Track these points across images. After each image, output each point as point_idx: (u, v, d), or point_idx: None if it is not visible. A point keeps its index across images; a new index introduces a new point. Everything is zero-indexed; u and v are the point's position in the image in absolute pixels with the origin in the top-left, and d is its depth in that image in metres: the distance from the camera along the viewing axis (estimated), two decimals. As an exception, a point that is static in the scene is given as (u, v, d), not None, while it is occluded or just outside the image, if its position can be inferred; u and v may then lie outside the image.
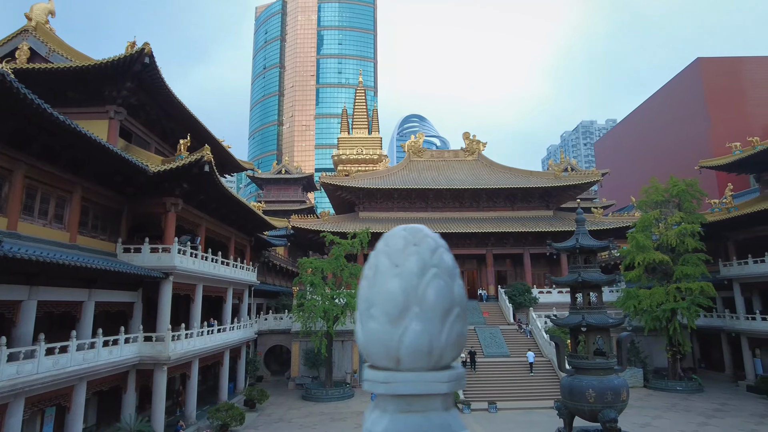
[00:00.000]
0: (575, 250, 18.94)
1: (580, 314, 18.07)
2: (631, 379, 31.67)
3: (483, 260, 43.15)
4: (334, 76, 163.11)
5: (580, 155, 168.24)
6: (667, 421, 23.49)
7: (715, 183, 50.26)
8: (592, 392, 17.03)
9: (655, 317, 30.85)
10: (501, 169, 48.03)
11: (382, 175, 46.89)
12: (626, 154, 76.51)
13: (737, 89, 58.76)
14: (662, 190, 33.28)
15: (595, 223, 41.05)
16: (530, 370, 30.34)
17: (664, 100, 68.35)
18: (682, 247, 31.21)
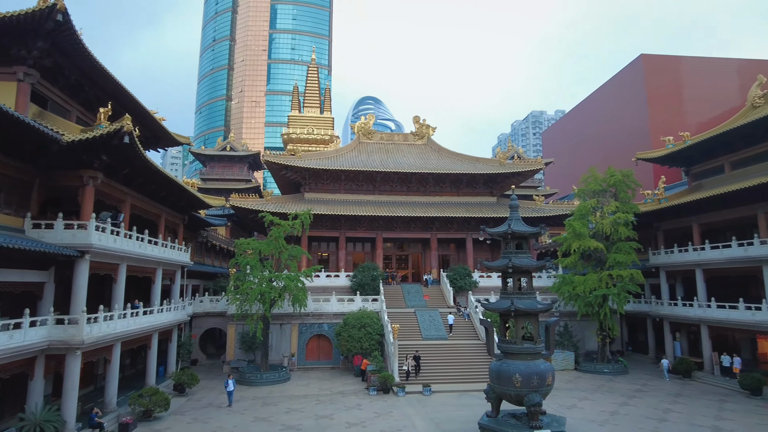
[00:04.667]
0: (507, 235, 18.99)
1: (509, 299, 18.19)
2: (563, 362, 32.84)
3: (428, 244, 43.32)
4: (287, 53, 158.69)
5: (529, 144, 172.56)
6: (592, 403, 24.34)
7: (651, 175, 52.41)
8: (518, 377, 17.24)
9: (588, 303, 31.93)
10: (448, 155, 48.11)
11: (330, 155, 45.92)
12: (572, 144, 78.72)
13: (675, 86, 61.32)
14: (600, 179, 34.22)
15: (534, 210, 41.95)
16: (450, 330, 32.97)
17: (608, 94, 70.49)
18: (616, 235, 32.31)
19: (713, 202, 30.91)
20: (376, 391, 26.44)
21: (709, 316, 30.38)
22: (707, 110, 57.58)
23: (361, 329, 30.50)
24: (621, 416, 21.86)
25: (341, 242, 41.51)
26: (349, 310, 33.79)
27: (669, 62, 62.80)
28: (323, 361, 34.14)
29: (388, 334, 29.89)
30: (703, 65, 62.68)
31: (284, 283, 29.79)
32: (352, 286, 37.44)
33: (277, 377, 29.44)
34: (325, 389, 27.72)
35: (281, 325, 33.73)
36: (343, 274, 38.94)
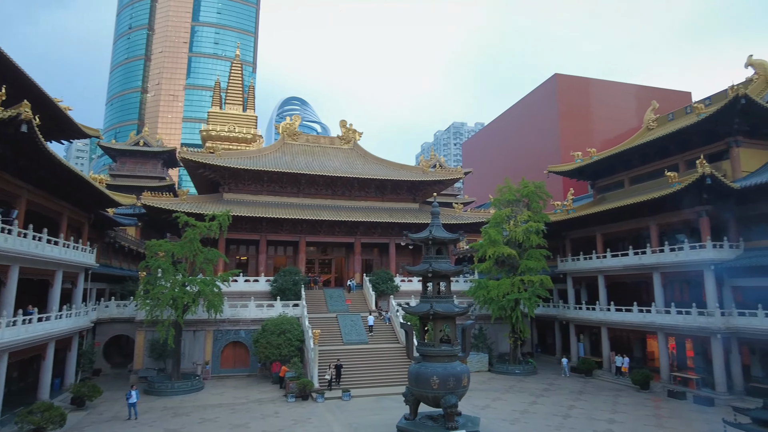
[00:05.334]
0: (428, 241, 19.49)
1: (429, 303, 18.64)
2: (478, 363, 34.15)
3: (352, 248, 43.33)
4: (210, 47, 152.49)
5: (450, 154, 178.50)
6: (504, 402, 25.50)
7: (561, 187, 56.15)
8: (436, 379, 17.67)
9: (502, 306, 33.51)
10: (374, 160, 48.55)
11: (252, 155, 44.62)
12: (490, 155, 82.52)
13: (585, 105, 66.40)
14: (514, 190, 36.13)
15: (454, 217, 43.42)
16: (370, 331, 33.33)
17: (524, 109, 74.81)
18: (528, 242, 34.24)
19: (613, 214, 33.72)
20: (295, 398, 25.94)
21: (608, 318, 33.01)
22: (612, 129, 62.87)
23: (280, 335, 29.82)
24: (530, 414, 23.10)
25: (262, 245, 40.40)
26: (269, 315, 32.92)
27: (580, 83, 67.88)
28: (239, 369, 32.94)
29: (309, 340, 29.47)
30: (609, 88, 68.42)
31: (199, 288, 28.43)
32: (273, 291, 36.53)
33: (190, 386, 27.98)
34: (240, 397, 26.74)
35: (195, 331, 32.14)
36: (263, 278, 37.88)
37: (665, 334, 29.74)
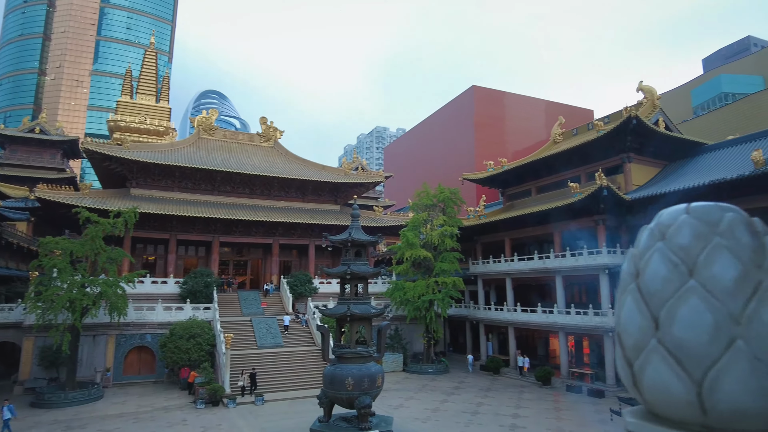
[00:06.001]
0: (348, 243, 19.59)
1: (346, 304, 18.74)
2: (393, 364, 34.75)
3: (269, 250, 42.33)
4: (122, 31, 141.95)
5: (372, 157, 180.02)
6: (417, 401, 26.16)
7: (475, 193, 58.68)
8: (351, 380, 17.78)
9: (417, 307, 34.40)
10: (295, 160, 47.84)
11: (165, 149, 42.18)
12: (410, 160, 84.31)
13: (499, 117, 69.87)
14: (432, 195, 37.29)
15: (374, 220, 43.94)
16: (285, 330, 33.05)
17: (443, 117, 77.30)
18: (443, 246, 35.46)
19: (521, 221, 35.87)
20: (205, 404, 24.85)
21: (515, 319, 34.99)
22: (523, 141, 66.71)
23: (190, 339, 28.45)
24: (441, 412, 23.89)
25: (172, 245, 38.29)
26: (178, 319, 31.27)
27: (495, 95, 71.36)
28: (145, 376, 30.97)
29: (221, 344, 28.38)
30: (521, 102, 72.56)
31: (101, 289, 26.38)
32: (182, 293, 34.74)
33: (87, 396, 25.83)
34: (145, 406, 25.15)
35: (95, 336, 29.77)
36: (172, 280, 35.90)
37: (565, 333, 32.09)
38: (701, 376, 0.74)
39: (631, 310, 0.85)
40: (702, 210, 0.82)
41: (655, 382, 0.78)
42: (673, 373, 0.77)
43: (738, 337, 0.75)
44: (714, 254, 0.79)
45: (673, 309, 0.78)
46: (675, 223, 0.83)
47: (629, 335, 0.82)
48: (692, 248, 0.81)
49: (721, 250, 0.79)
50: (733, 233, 0.80)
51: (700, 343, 0.76)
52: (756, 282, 0.77)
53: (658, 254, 0.83)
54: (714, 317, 0.75)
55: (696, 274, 0.79)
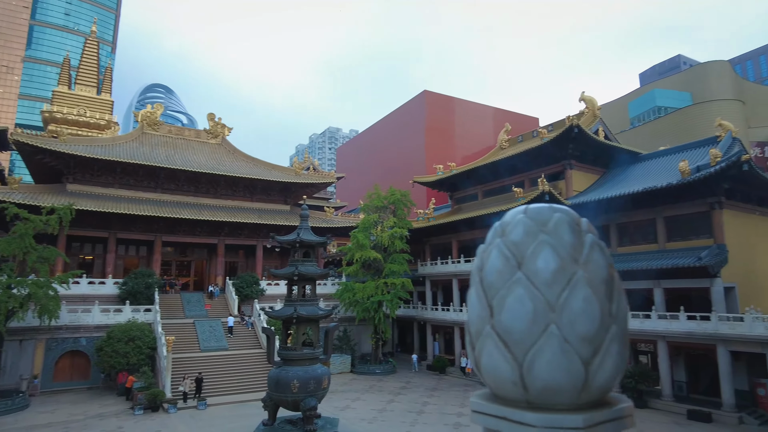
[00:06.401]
0: (296, 244, 19.41)
1: (293, 306, 18.54)
2: (340, 365, 34.68)
3: (215, 250, 41.18)
4: (60, 17, 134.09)
5: (324, 158, 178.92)
6: (364, 402, 26.24)
7: (425, 196, 59.56)
8: (296, 382, 17.60)
9: (366, 308, 34.52)
10: (244, 158, 46.85)
11: (105, 143, 40.26)
12: (362, 162, 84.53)
13: (449, 122, 71.30)
14: (382, 197, 37.57)
15: (325, 221, 43.72)
16: (229, 332, 32.44)
17: (396, 120, 78.03)
18: (393, 247, 35.78)
19: (467, 223, 36.74)
20: (143, 411, 23.87)
21: (460, 319, 35.75)
22: (471, 146, 68.34)
23: (128, 343, 27.24)
24: (388, 412, 24.08)
25: (111, 244, 36.55)
26: (116, 321, 29.86)
27: (446, 101, 72.74)
28: (78, 382, 29.35)
29: (162, 347, 27.36)
30: (471, 108, 74.32)
31: (29, 291, 24.82)
32: (122, 294, 33.21)
33: (11, 405, 24.17)
34: (77, 414, 23.85)
35: (21, 341, 27.93)
36: (110, 280, 34.26)
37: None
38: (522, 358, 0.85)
39: (474, 301, 0.94)
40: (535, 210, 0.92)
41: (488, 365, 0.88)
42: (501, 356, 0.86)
43: (552, 322, 0.86)
44: (539, 249, 0.90)
45: (503, 298, 0.88)
46: (513, 222, 0.94)
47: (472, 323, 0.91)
48: (522, 244, 0.92)
49: (545, 246, 0.90)
50: (557, 231, 0.92)
51: (522, 328, 0.86)
52: (571, 274, 0.88)
53: (496, 249, 0.93)
54: (534, 305, 0.85)
55: (523, 266, 0.89)
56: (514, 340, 0.86)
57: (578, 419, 0.79)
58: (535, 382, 0.82)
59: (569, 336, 0.83)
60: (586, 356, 0.83)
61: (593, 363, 0.82)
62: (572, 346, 0.81)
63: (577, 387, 0.82)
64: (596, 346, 0.83)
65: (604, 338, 0.84)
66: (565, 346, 0.82)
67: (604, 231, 32.13)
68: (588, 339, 0.83)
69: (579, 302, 0.85)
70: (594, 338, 0.84)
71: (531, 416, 0.83)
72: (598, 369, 0.82)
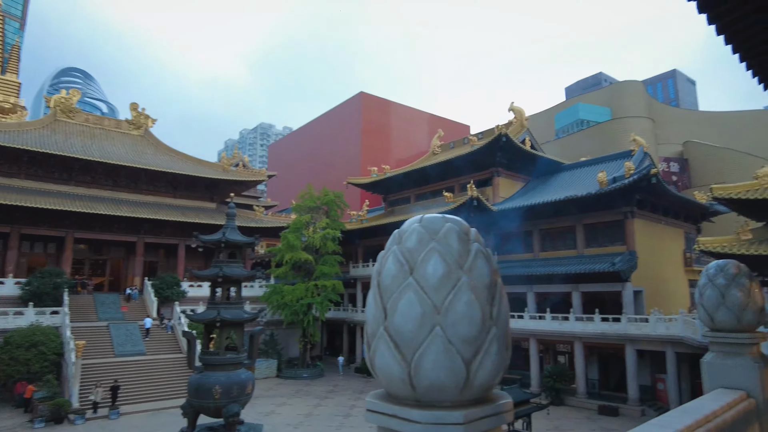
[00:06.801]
0: (221, 244, 18.76)
1: (216, 309, 17.90)
2: (266, 370, 33.93)
3: (133, 248, 38.87)
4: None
5: (255, 155, 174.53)
6: (290, 407, 25.82)
7: (359, 198, 59.73)
8: (219, 388, 17.00)
9: (294, 311, 34.00)
10: (168, 151, 44.66)
11: (10, 129, 36.80)
12: (296, 160, 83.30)
13: (385, 125, 72.00)
14: (316, 197, 37.24)
15: (254, 220, 42.64)
16: (147, 334, 30.95)
17: (332, 120, 77.67)
18: (325, 249, 35.54)
19: (398, 226, 36.62)
20: (45, 423, 21.96)
21: (389, 321, 36.16)
22: (406, 150, 69.37)
23: (30, 349, 24.98)
24: (314, 417, 23.86)
25: (13, 240, 33.43)
26: (17, 325, 27.28)
27: (382, 104, 73.39)
28: (-32, 392, 26.54)
29: (70, 353, 25.36)
30: (406, 112, 75.48)
31: None
32: (24, 295, 30.42)
33: None
34: (-36, 429, 21.60)
35: None
36: (11, 280, 31.30)
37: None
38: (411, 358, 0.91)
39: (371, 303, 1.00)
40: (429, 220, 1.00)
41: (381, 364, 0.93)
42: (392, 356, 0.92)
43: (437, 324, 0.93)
44: (428, 256, 0.97)
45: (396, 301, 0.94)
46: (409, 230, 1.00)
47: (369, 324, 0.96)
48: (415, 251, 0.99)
49: (434, 253, 0.97)
50: (446, 240, 0.99)
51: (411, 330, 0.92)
52: (456, 279, 0.96)
53: (392, 255, 0.99)
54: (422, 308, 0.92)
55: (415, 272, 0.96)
56: (403, 341, 0.91)
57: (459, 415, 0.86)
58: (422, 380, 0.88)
59: (452, 337, 0.89)
60: (468, 356, 0.90)
61: (474, 363, 0.90)
62: (455, 346, 0.88)
63: (459, 385, 0.89)
64: (477, 347, 0.91)
65: (484, 339, 0.92)
66: (448, 346, 0.89)
67: (528, 236, 33.84)
68: (469, 340, 0.91)
69: (462, 306, 0.93)
70: (475, 339, 0.91)
71: (417, 413, 0.89)
72: (478, 368, 0.89)
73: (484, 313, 0.92)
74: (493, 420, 0.90)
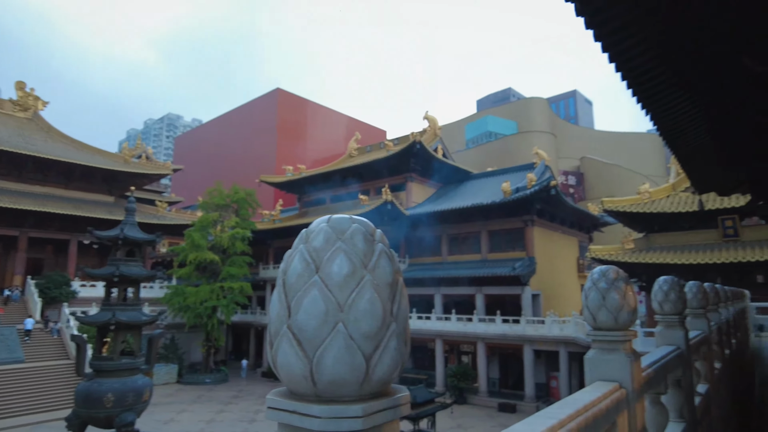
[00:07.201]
0: (118, 241, 17.44)
1: (111, 311, 16.62)
2: (166, 375, 32.02)
3: (14, 243, 34.84)
4: None
5: (161, 146, 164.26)
6: (191, 414, 24.55)
7: (273, 197, 58.34)
8: (111, 396, 15.76)
9: (198, 314, 32.37)
10: (62, 138, 40.66)
11: None
12: (205, 155, 79.46)
13: (302, 124, 70.95)
14: (225, 195, 35.80)
15: (156, 216, 40.06)
16: (26, 335, 28.43)
17: (245, 115, 75.08)
18: (233, 249, 34.23)
19: (314, 228, 36.95)
20: None
21: (300, 323, 35.63)
22: (323, 150, 68.90)
23: None
24: (217, 423, 22.88)
25: None
26: None
27: (299, 102, 72.33)
28: None
29: (-72, 360, 22.24)
30: (324, 113, 75.01)
31: None
32: None
33: None
34: None
35: None
36: None
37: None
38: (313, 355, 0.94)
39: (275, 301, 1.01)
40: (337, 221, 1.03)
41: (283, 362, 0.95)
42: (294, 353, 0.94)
43: (340, 321, 0.97)
44: (334, 255, 1.01)
45: (300, 299, 0.97)
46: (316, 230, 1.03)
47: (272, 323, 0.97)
48: (322, 250, 1.02)
49: (339, 252, 1.01)
50: (352, 240, 1.04)
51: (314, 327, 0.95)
52: (360, 278, 1.01)
53: (299, 254, 1.01)
54: (326, 305, 0.95)
55: (320, 270, 0.99)
56: (306, 338, 0.94)
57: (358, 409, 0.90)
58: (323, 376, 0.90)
59: (354, 333, 0.93)
60: (369, 351, 0.94)
61: (374, 357, 0.94)
62: (356, 342, 0.92)
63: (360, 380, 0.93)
64: (377, 343, 0.95)
65: (384, 335, 0.96)
66: (349, 342, 0.92)
67: (437, 240, 35.04)
68: (370, 336, 0.95)
69: (365, 303, 0.97)
70: (376, 335, 0.96)
71: (317, 408, 0.91)
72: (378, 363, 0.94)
73: (385, 310, 0.97)
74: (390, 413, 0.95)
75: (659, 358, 3.52)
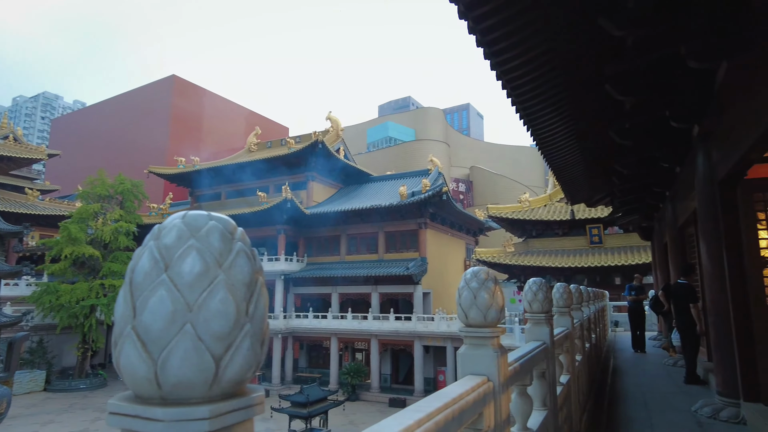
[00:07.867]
0: (-28, 233, 15.30)
1: (-41, 313, 14.54)
2: (30, 383, 28.71)
3: None
4: None
5: (34, 128, 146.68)
6: (59, 425, 22.20)
7: (163, 190, 54.55)
8: (-45, 409, 13.79)
9: (73, 314, 29.35)
10: None
11: None
12: (87, 140, 72.21)
13: (198, 115, 67.15)
14: (109, 185, 32.87)
15: (25, 205, 35.74)
16: None
17: (136, 101, 69.44)
18: (116, 244, 31.51)
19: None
20: None
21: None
22: (220, 143, 65.85)
23: None
24: (90, 433, 20.95)
25: None
26: None
27: (196, 91, 68.50)
28: None
29: None
30: (223, 104, 71.75)
31: None
32: None
33: None
34: None
35: None
36: None
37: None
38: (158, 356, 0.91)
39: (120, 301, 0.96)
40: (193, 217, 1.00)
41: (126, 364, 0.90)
42: (138, 355, 0.90)
43: (188, 322, 0.95)
44: (186, 253, 0.98)
45: (146, 299, 0.93)
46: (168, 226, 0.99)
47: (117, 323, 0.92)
48: (173, 247, 0.98)
49: (192, 250, 0.99)
50: (207, 238, 1.02)
51: (160, 328, 0.92)
52: (213, 277, 0.99)
53: (148, 251, 0.97)
54: (173, 306, 0.93)
55: (170, 269, 0.95)
56: (151, 340, 0.89)
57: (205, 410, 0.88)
58: (168, 378, 0.87)
59: (203, 334, 0.91)
60: (219, 353, 0.92)
61: (224, 358, 0.92)
62: (205, 343, 0.90)
63: (208, 381, 0.91)
64: (229, 343, 0.94)
65: (237, 336, 0.95)
66: (198, 343, 0.90)
67: (337, 240, 35.14)
68: (221, 337, 0.93)
69: (216, 303, 0.95)
70: (227, 336, 0.95)
71: (160, 411, 0.88)
72: (228, 364, 0.93)
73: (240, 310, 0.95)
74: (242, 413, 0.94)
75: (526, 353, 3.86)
